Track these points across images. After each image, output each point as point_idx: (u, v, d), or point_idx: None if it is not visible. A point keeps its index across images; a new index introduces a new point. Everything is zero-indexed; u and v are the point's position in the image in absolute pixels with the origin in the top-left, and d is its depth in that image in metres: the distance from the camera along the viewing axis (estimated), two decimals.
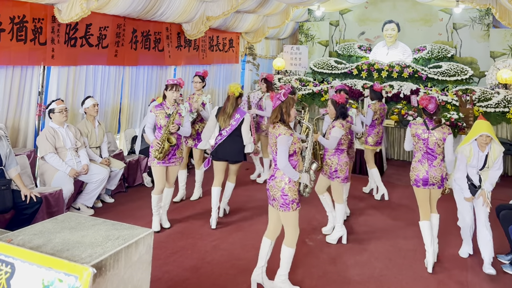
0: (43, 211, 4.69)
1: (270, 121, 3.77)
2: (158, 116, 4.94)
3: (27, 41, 5.39)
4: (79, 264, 1.68)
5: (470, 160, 4.44)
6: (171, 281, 4.00)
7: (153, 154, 4.94)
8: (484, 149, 4.40)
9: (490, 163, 4.39)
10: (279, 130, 3.64)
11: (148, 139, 5.03)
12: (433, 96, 4.65)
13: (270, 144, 3.80)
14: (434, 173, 4.41)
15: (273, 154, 3.74)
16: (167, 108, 4.98)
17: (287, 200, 3.63)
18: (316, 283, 4.04)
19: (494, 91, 8.60)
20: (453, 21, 11.05)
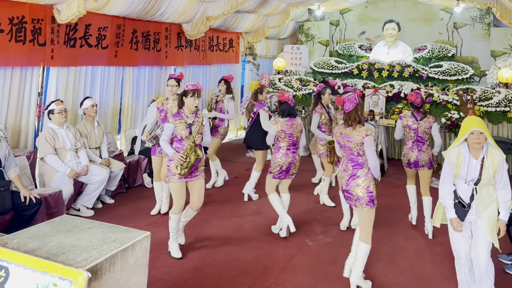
0: (43, 212, 4.68)
1: (349, 123, 3.88)
2: (177, 127, 4.34)
3: (26, 42, 5.39)
4: (74, 268, 1.67)
5: (459, 170, 3.44)
6: (171, 282, 3.99)
7: (175, 170, 4.32)
8: (477, 154, 3.40)
9: (486, 174, 3.37)
10: (362, 132, 3.82)
11: (166, 152, 4.42)
12: (419, 92, 5.41)
13: (342, 145, 3.95)
14: (423, 157, 5.17)
15: (351, 155, 3.88)
16: (186, 116, 4.39)
17: (373, 197, 3.81)
18: (316, 284, 4.02)
19: (495, 91, 8.57)
20: (453, 20, 11.03)
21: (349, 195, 3.88)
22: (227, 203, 6.17)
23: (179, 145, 4.38)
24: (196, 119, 4.41)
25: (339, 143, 4.00)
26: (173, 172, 4.35)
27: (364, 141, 3.80)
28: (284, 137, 4.95)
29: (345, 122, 3.96)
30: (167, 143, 4.41)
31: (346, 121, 3.93)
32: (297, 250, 4.72)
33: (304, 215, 5.77)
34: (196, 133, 4.36)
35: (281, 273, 4.19)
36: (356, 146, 3.83)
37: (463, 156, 3.43)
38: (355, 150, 3.85)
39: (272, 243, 4.89)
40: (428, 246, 4.90)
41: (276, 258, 4.50)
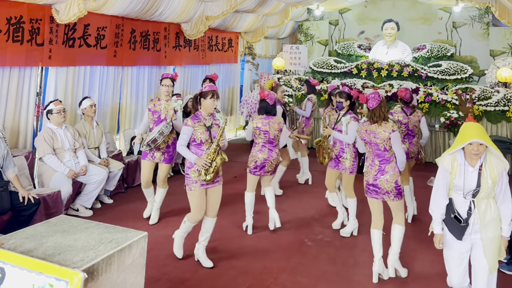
0: (41, 212, 4.66)
1: (374, 119, 4.06)
2: (197, 130, 4.05)
3: (24, 42, 5.38)
4: (70, 269, 1.66)
5: (453, 179, 3.11)
6: (170, 282, 3.99)
7: (200, 177, 4.07)
8: (474, 162, 3.07)
9: (484, 185, 3.01)
10: (389, 127, 4.02)
11: (188, 158, 4.09)
12: (408, 88, 5.70)
13: (368, 142, 4.11)
14: (413, 149, 5.44)
15: (377, 150, 4.06)
16: (204, 119, 4.14)
17: (400, 190, 4.04)
18: (315, 283, 4.02)
19: (494, 90, 8.57)
20: (452, 20, 11.03)
21: (377, 189, 4.06)
22: (226, 202, 6.15)
23: (197, 150, 4.10)
24: (213, 121, 4.18)
25: (364, 140, 4.14)
26: (193, 180, 4.08)
27: (391, 137, 3.98)
28: (259, 134, 5.04)
29: (369, 119, 4.12)
30: (186, 148, 4.11)
31: (371, 118, 4.09)
32: (296, 250, 4.71)
33: (303, 215, 5.77)
34: (221, 135, 4.14)
35: (280, 272, 4.19)
36: (383, 141, 4.00)
37: (458, 164, 3.10)
38: (381, 146, 4.02)
39: (271, 242, 4.89)
40: (427, 245, 4.89)
41: (275, 258, 4.50)
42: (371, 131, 4.06)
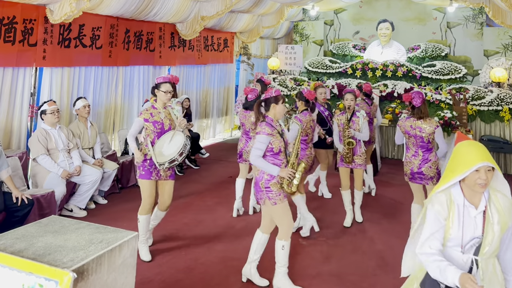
0: (35, 213, 4.66)
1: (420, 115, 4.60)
2: (275, 138, 3.73)
3: (16, 43, 5.35)
4: (60, 269, 1.67)
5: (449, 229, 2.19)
6: (164, 282, 3.99)
7: (288, 189, 3.79)
8: (477, 201, 2.21)
9: (490, 235, 2.12)
10: (434, 123, 4.61)
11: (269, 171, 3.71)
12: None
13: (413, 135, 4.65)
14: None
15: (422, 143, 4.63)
16: (278, 125, 3.88)
17: (440, 174, 4.60)
18: (310, 283, 4.03)
19: (488, 90, 8.62)
20: (447, 20, 11.08)
21: (422, 175, 4.67)
22: (220, 203, 6.17)
23: (275, 160, 3.75)
24: (280, 127, 3.91)
25: (408, 133, 4.69)
26: (277, 192, 3.72)
27: (436, 131, 4.57)
28: (240, 126, 5.47)
29: (415, 115, 4.63)
30: (263, 159, 3.71)
31: (418, 114, 4.61)
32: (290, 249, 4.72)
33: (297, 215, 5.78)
34: (298, 142, 4.04)
35: (274, 272, 4.19)
36: (428, 135, 4.57)
37: (455, 205, 2.22)
38: (426, 139, 4.60)
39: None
40: None
41: (269, 258, 4.50)
42: (416, 126, 4.61)
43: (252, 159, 3.71)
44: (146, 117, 4.37)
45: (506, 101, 8.24)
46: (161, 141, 4.34)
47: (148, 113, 4.40)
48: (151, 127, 4.36)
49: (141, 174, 4.38)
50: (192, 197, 6.41)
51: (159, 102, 4.47)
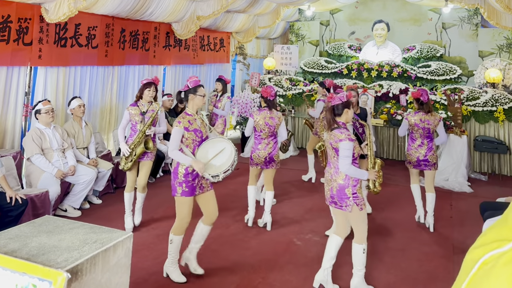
0: (29, 213, 4.64)
1: (427, 110, 5.31)
2: (355, 143, 3.79)
3: (10, 42, 5.32)
4: (54, 269, 1.66)
5: None
6: (158, 283, 3.99)
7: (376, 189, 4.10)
8: None
9: None
10: (438, 116, 5.36)
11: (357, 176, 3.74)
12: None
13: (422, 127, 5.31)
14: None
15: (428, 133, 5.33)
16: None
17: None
18: (304, 282, 4.04)
19: (482, 90, 8.66)
20: (442, 21, 11.12)
21: (427, 162, 5.32)
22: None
23: (355, 164, 3.79)
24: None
25: (417, 126, 5.34)
26: (361, 197, 3.78)
27: (440, 123, 5.32)
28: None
29: (424, 110, 5.33)
30: (354, 167, 3.74)
31: (427, 109, 5.32)
32: (284, 249, 4.73)
33: (292, 214, 5.79)
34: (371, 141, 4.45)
35: (268, 272, 4.21)
36: (434, 127, 5.32)
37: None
38: (432, 130, 5.34)
39: (259, 242, 4.91)
40: (415, 245, 4.94)
41: (263, 258, 4.51)
42: (425, 119, 5.31)
43: (345, 168, 3.68)
44: (186, 125, 3.89)
45: (501, 102, 8.29)
46: (203, 151, 3.92)
47: (186, 121, 3.91)
48: (193, 136, 3.90)
49: (184, 192, 3.86)
50: None
51: (193, 108, 4.04)
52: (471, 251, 1.29)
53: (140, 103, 5.25)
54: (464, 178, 7.41)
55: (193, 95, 4.00)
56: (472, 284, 1.22)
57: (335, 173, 3.81)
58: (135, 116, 5.18)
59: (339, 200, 3.78)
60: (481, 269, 1.18)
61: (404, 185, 7.19)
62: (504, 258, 1.09)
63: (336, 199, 3.79)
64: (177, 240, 3.97)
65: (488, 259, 1.20)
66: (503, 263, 1.10)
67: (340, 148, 3.69)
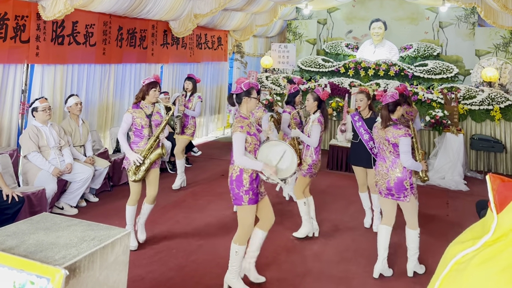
0: (26, 211, 4.64)
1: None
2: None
3: (7, 39, 5.30)
4: (52, 266, 1.66)
5: None
6: (155, 280, 3.99)
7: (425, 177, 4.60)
8: None
9: None
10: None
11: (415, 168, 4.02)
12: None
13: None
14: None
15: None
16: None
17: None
18: (300, 280, 4.05)
19: (479, 89, 8.69)
20: (439, 20, 11.15)
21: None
22: (213, 201, 6.17)
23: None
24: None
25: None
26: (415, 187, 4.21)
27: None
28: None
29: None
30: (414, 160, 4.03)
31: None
32: (282, 248, 4.74)
33: (289, 213, 5.80)
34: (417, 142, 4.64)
35: (265, 270, 4.21)
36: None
37: None
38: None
39: None
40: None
41: (260, 255, 4.50)
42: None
43: (409, 163, 3.92)
44: (247, 130, 3.69)
45: (497, 101, 8.32)
46: (262, 155, 3.79)
47: (245, 125, 3.71)
48: (254, 141, 3.74)
49: (251, 199, 3.68)
50: (184, 195, 6.40)
51: (247, 111, 3.85)
52: (449, 249, 1.34)
53: (143, 104, 4.60)
54: (461, 177, 7.44)
55: (248, 98, 3.81)
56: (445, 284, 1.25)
57: (391, 167, 4.04)
58: (140, 120, 4.54)
59: (397, 192, 4.02)
60: (453, 270, 1.24)
61: None
62: (475, 260, 1.18)
63: (394, 191, 4.03)
64: (242, 250, 3.80)
65: (461, 259, 1.25)
66: (474, 264, 1.18)
67: (400, 144, 3.91)
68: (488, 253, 1.16)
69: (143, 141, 4.56)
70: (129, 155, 4.48)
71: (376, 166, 4.25)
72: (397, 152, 3.97)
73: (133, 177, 4.52)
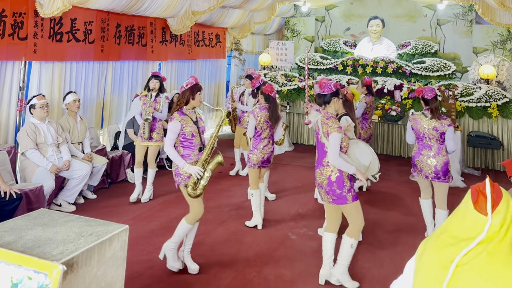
0: (23, 207, 4.63)
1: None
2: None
3: (5, 36, 5.30)
4: (49, 262, 1.67)
5: None
6: (153, 277, 4.00)
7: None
8: None
9: None
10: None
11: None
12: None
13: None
14: None
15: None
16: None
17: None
18: (298, 276, 4.07)
19: (476, 86, 8.71)
20: (437, 17, 11.16)
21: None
22: (211, 198, 6.18)
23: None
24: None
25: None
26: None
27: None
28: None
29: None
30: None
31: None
32: (279, 244, 4.76)
33: (287, 209, 5.81)
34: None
35: (263, 266, 4.23)
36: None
37: None
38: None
39: (254, 236, 4.93)
40: (408, 239, 4.97)
41: (258, 252, 4.54)
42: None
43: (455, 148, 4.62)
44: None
45: (494, 98, 8.34)
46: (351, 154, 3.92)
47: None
48: (347, 140, 3.91)
49: (354, 196, 3.79)
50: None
51: (334, 111, 3.93)
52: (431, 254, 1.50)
53: (186, 110, 4.06)
54: (458, 173, 7.46)
55: (337, 98, 3.89)
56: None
57: (437, 153, 4.61)
58: (190, 128, 3.98)
59: (443, 175, 4.61)
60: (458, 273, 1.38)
61: (398, 180, 7.24)
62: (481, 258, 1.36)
63: (440, 174, 4.61)
64: (356, 244, 3.87)
65: (461, 260, 1.39)
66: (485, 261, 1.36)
67: (447, 132, 4.54)
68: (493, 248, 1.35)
69: (195, 152, 4.02)
70: (188, 169, 3.89)
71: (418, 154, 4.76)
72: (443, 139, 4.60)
73: (193, 193, 3.96)
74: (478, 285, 1.35)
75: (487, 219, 1.38)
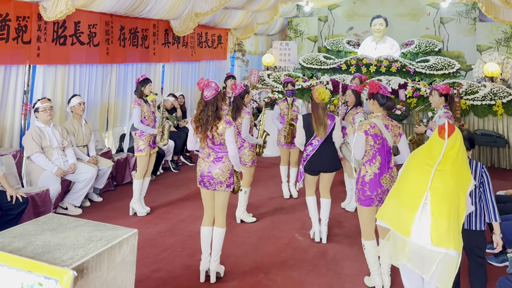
0: (30, 211, 4.64)
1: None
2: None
3: (9, 40, 5.30)
4: (59, 267, 1.66)
5: None
6: (160, 279, 3.99)
7: None
8: None
9: None
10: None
11: None
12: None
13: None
14: None
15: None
16: None
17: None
18: (306, 277, 4.06)
19: (481, 84, 8.67)
20: (440, 16, 11.11)
21: None
22: None
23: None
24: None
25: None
26: None
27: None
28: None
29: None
30: None
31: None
32: (286, 245, 4.75)
33: (293, 210, 5.80)
34: None
35: (270, 267, 4.22)
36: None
37: None
38: None
39: (261, 238, 4.92)
40: None
41: (265, 253, 4.53)
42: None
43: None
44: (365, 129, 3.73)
45: (499, 96, 8.30)
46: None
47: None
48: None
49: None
50: (188, 194, 6.40)
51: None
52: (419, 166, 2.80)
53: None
54: None
55: (373, 101, 3.90)
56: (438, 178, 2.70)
57: None
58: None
59: None
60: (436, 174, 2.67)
61: None
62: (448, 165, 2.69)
63: None
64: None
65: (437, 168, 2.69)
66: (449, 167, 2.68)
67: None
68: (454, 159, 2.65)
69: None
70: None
71: None
72: None
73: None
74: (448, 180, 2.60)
75: (444, 141, 2.63)
